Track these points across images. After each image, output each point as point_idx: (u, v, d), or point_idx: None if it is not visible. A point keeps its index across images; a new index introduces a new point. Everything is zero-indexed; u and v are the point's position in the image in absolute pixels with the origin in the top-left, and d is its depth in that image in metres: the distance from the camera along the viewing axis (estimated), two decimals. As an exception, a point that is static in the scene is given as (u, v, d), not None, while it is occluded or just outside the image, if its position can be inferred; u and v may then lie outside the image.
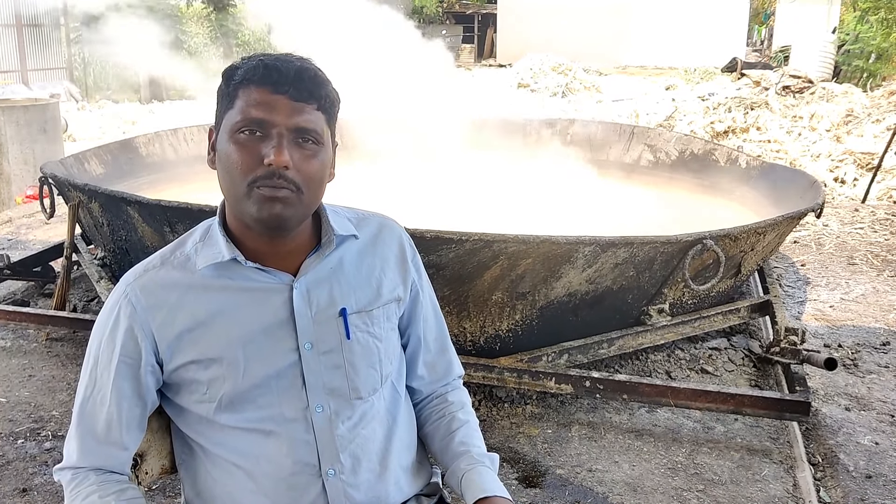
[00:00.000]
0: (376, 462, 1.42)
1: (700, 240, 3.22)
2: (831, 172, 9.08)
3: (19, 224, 6.36)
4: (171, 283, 1.34)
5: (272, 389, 1.34)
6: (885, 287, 4.85)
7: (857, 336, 4.07)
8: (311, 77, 1.29)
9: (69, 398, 3.34)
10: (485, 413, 3.21)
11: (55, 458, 2.85)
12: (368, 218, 1.48)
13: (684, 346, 3.75)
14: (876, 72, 15.19)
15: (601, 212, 4.88)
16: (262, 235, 1.32)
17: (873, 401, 3.34)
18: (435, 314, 1.58)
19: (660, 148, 6.15)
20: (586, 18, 27.97)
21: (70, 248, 4.14)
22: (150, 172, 5.51)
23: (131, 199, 3.45)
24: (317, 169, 1.30)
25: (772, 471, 2.84)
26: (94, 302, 4.34)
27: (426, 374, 1.57)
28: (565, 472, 2.83)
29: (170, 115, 13.68)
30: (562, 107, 14.33)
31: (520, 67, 17.40)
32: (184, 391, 1.36)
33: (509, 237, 2.92)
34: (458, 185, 5.29)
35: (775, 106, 12.01)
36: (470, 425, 1.54)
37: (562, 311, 3.29)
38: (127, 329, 1.32)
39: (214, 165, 1.33)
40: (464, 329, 3.25)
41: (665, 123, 12.02)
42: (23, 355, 3.80)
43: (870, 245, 5.74)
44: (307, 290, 1.36)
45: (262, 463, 1.35)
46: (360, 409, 1.39)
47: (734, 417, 3.18)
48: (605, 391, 3.10)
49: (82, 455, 1.34)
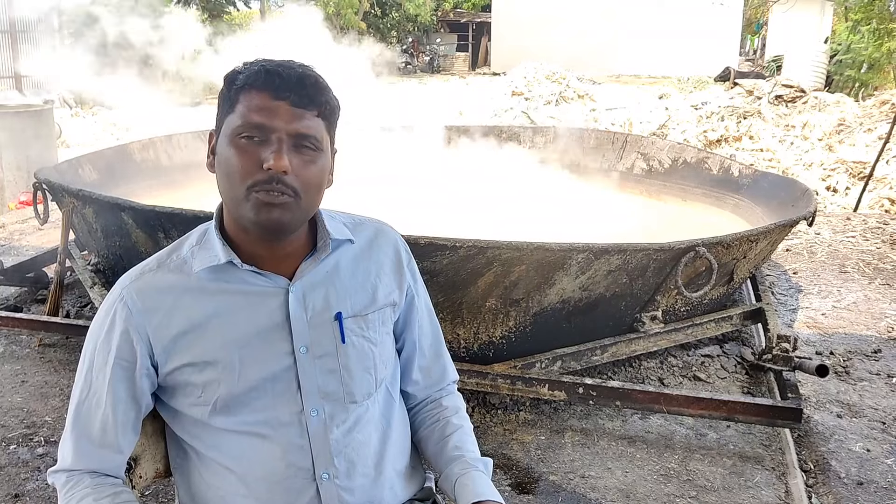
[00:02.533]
0: (371, 466, 1.42)
1: (693, 247, 3.24)
2: (823, 181, 9.13)
3: (13, 230, 6.35)
4: (167, 286, 1.34)
5: (267, 393, 1.34)
6: (876, 295, 4.87)
7: (849, 343, 4.09)
8: (312, 83, 1.29)
9: (62, 404, 3.34)
10: (478, 419, 3.22)
11: (48, 464, 2.84)
12: (364, 223, 1.49)
13: (677, 353, 3.77)
14: (867, 81, 15.31)
15: (594, 219, 4.90)
16: (258, 239, 1.33)
17: (865, 408, 3.36)
18: (430, 319, 1.59)
19: (653, 156, 6.17)
20: (580, 27, 28.09)
21: (63, 254, 4.13)
22: (144, 178, 5.50)
23: (125, 204, 3.45)
24: (315, 175, 1.31)
25: (764, 477, 2.85)
26: (87, 308, 4.33)
27: (421, 379, 1.58)
28: (558, 478, 2.83)
29: (164, 122, 13.66)
30: (555, 114, 14.36)
31: (514, 76, 17.43)
32: (179, 394, 1.36)
33: (503, 244, 2.93)
34: (449, 194, 5.30)
35: (768, 115, 12.07)
36: (464, 430, 1.55)
37: (555, 317, 3.30)
38: (122, 332, 1.32)
39: (214, 169, 1.34)
40: (458, 335, 3.25)
41: (658, 132, 12.07)
42: (15, 361, 3.79)
43: (861, 253, 5.77)
44: (303, 294, 1.36)
45: (256, 467, 1.35)
46: (354, 413, 1.40)
47: (726, 424, 3.19)
48: (599, 398, 3.11)
49: (77, 458, 1.34)
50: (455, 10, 35.44)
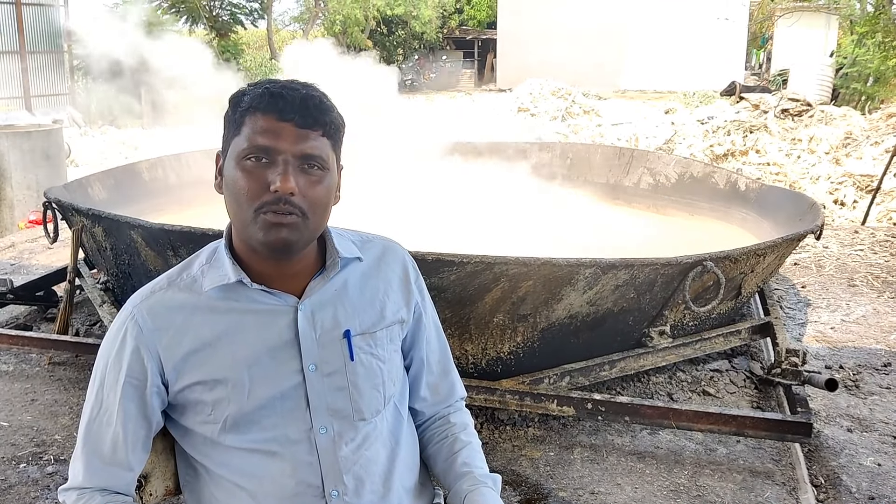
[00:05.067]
0: (379, 483, 1.43)
1: (700, 262, 3.23)
2: (831, 195, 9.13)
3: (22, 249, 6.38)
4: (178, 305, 1.35)
5: (276, 411, 1.35)
6: (885, 308, 4.85)
7: (859, 357, 4.07)
8: (315, 104, 1.31)
9: (71, 422, 3.34)
10: (487, 436, 3.21)
11: (57, 483, 2.85)
12: (372, 240, 1.50)
13: (686, 368, 3.76)
14: (874, 95, 15.32)
15: (601, 234, 4.91)
16: (267, 258, 1.34)
17: (875, 422, 3.34)
18: (438, 336, 1.59)
19: (659, 171, 6.18)
20: (585, 43, 28.21)
21: (73, 273, 4.16)
22: (153, 197, 5.54)
23: (134, 223, 3.47)
24: (322, 194, 1.32)
25: (774, 492, 2.83)
26: (96, 326, 4.35)
27: (429, 396, 1.58)
28: (568, 494, 2.82)
29: (172, 141, 13.75)
30: (561, 130, 14.40)
31: (520, 92, 17.51)
32: (189, 412, 1.37)
33: (510, 259, 2.93)
34: (457, 209, 5.31)
35: (774, 129, 12.07)
36: (472, 446, 1.55)
37: (563, 333, 3.30)
38: (133, 350, 1.34)
39: (221, 190, 1.35)
40: (465, 351, 3.25)
41: (665, 147, 12.09)
42: (25, 380, 3.80)
43: (870, 267, 5.75)
44: (312, 313, 1.37)
45: (265, 484, 1.36)
46: (363, 430, 1.40)
47: (736, 439, 3.17)
48: (607, 413, 3.10)
49: (88, 475, 1.35)
50: (461, 27, 35.63)
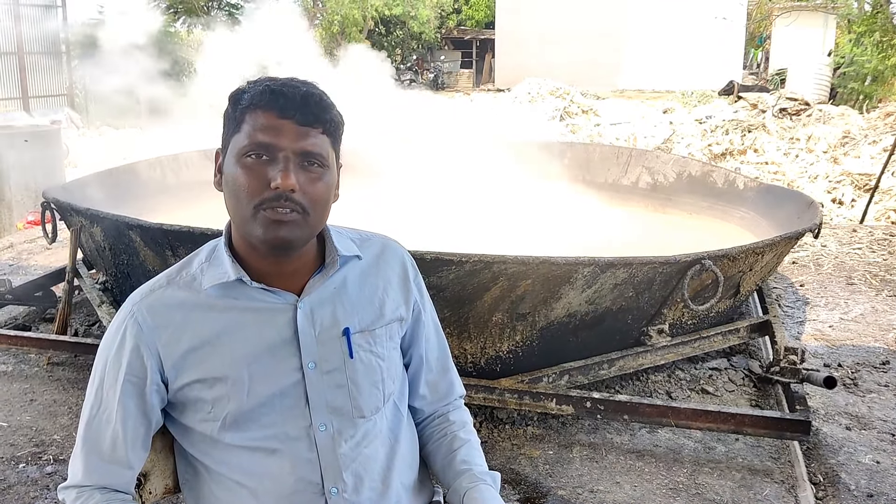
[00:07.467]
0: (378, 481, 1.43)
1: (698, 260, 3.24)
2: (829, 193, 9.14)
3: (21, 249, 6.38)
4: (177, 303, 1.35)
5: (276, 408, 1.35)
6: (883, 307, 4.86)
7: (857, 355, 4.08)
8: (316, 101, 1.31)
9: (70, 422, 3.34)
10: (486, 435, 3.21)
11: (56, 482, 2.85)
12: (371, 239, 1.51)
13: (684, 367, 3.76)
14: (872, 94, 15.33)
15: (600, 233, 4.90)
16: (267, 256, 1.34)
17: (874, 420, 3.35)
18: (437, 334, 1.59)
19: (658, 170, 6.18)
20: (584, 43, 28.20)
21: (72, 273, 4.15)
22: (152, 197, 5.53)
23: (133, 223, 3.47)
24: (322, 191, 1.32)
25: (773, 490, 2.83)
26: (95, 326, 4.35)
27: (428, 394, 1.58)
28: (567, 493, 2.82)
29: (170, 141, 13.74)
30: (559, 129, 14.40)
31: (518, 92, 17.50)
32: (188, 410, 1.37)
33: (509, 258, 2.93)
34: (456, 207, 5.31)
35: (772, 128, 12.09)
36: (471, 444, 1.55)
37: (562, 331, 3.30)
38: (133, 348, 1.34)
39: (221, 187, 1.35)
40: (464, 350, 3.26)
41: (663, 146, 12.09)
42: (24, 380, 3.80)
43: (868, 265, 5.76)
44: (311, 310, 1.37)
45: (265, 481, 1.36)
46: (362, 427, 1.41)
47: (735, 437, 3.18)
48: (606, 412, 3.10)
49: (87, 473, 1.35)
50: (459, 27, 35.61)
